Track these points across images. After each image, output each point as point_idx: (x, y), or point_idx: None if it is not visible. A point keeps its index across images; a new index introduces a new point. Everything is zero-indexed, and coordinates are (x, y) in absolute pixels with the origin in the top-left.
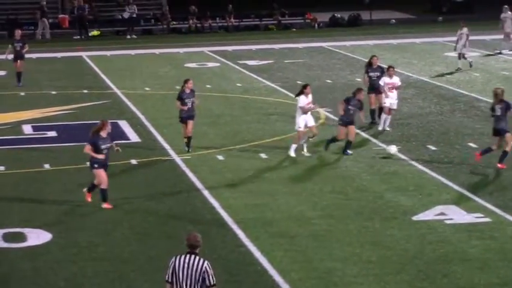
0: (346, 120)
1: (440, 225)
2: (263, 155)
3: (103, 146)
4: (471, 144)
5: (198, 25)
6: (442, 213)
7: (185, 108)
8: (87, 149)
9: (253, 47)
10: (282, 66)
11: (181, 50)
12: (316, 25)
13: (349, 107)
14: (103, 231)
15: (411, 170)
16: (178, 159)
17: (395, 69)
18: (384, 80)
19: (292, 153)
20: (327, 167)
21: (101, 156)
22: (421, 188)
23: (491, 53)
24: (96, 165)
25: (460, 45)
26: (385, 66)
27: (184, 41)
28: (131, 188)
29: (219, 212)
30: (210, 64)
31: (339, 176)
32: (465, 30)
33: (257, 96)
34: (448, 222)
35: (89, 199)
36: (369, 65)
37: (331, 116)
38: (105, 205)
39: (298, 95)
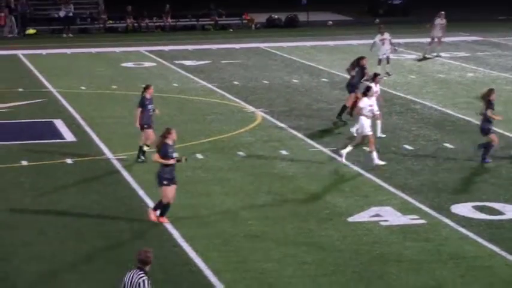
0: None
1: (375, 227)
2: (199, 155)
3: (174, 155)
4: (407, 146)
5: (135, 25)
6: (377, 215)
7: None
8: (155, 157)
9: (190, 47)
10: (219, 67)
11: (118, 50)
12: (253, 26)
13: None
14: (38, 230)
15: (347, 171)
16: (113, 159)
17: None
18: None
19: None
20: (264, 168)
21: (172, 161)
22: (357, 189)
23: (428, 56)
24: (165, 182)
25: (385, 49)
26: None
27: (120, 41)
28: (66, 187)
29: None
30: (147, 64)
31: (275, 177)
32: (386, 35)
33: (194, 97)
34: (383, 223)
35: (155, 218)
36: (357, 64)
37: (268, 117)
38: (161, 219)
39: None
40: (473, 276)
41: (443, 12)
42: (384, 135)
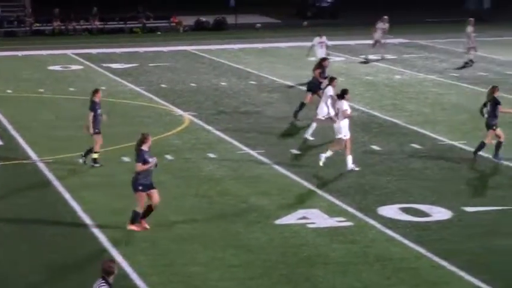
0: None
1: (302, 229)
2: (126, 159)
3: (150, 160)
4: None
5: (62, 27)
6: (304, 217)
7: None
8: (139, 167)
9: (118, 50)
10: (147, 70)
11: (45, 52)
12: (181, 29)
13: None
14: None
15: (275, 174)
16: (40, 163)
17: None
18: (329, 91)
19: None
20: (191, 171)
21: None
22: (284, 192)
23: (358, 59)
24: (140, 188)
25: (322, 52)
26: None
27: (47, 43)
28: None
29: (81, 215)
30: (74, 67)
31: (202, 180)
32: (324, 38)
33: (121, 100)
34: (310, 226)
35: (137, 228)
36: (320, 66)
37: (196, 120)
38: (133, 227)
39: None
40: (399, 278)
41: (386, 17)
42: (312, 138)
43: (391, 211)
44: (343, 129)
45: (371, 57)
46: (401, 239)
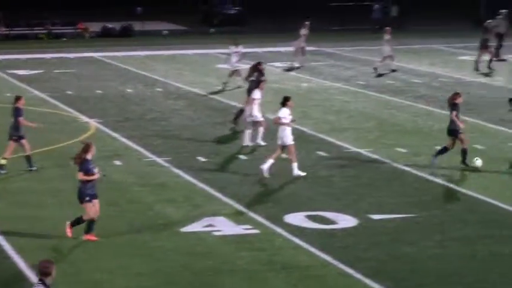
0: None
1: (208, 237)
2: (31, 166)
3: (95, 170)
4: (241, 156)
5: None
6: (210, 225)
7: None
8: (81, 176)
9: (23, 56)
10: (52, 76)
11: None
12: (87, 35)
13: None
14: None
15: (181, 181)
16: None
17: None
18: (257, 95)
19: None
20: (101, 178)
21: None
22: (190, 199)
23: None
24: (88, 198)
25: (237, 61)
26: None
27: None
28: None
29: None
30: None
31: (111, 188)
32: (241, 47)
33: (27, 107)
34: (216, 233)
35: (94, 238)
36: (255, 70)
37: (102, 127)
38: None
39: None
40: (305, 286)
41: (307, 23)
42: (264, 143)
43: (297, 219)
44: (286, 136)
45: (296, 64)
46: (307, 247)
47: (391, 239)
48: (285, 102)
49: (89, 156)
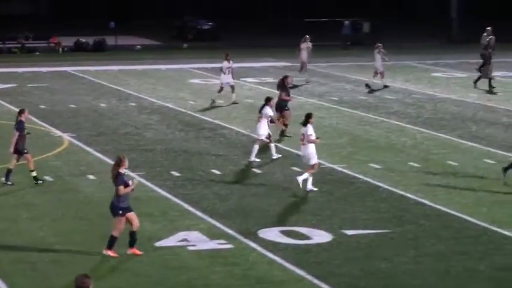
0: None
1: (183, 251)
2: (2, 179)
3: (130, 182)
4: (214, 171)
5: None
6: (185, 240)
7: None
8: (122, 190)
9: None
10: (25, 90)
11: None
12: (60, 49)
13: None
14: None
15: (155, 195)
16: None
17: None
18: (268, 112)
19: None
20: (71, 193)
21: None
22: (165, 214)
23: (239, 82)
24: (121, 212)
25: (229, 77)
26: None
27: None
28: None
29: None
30: None
31: (82, 202)
32: (232, 63)
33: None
34: (190, 248)
35: (114, 254)
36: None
37: (75, 142)
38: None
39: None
40: None
41: (308, 36)
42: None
43: (272, 234)
44: (312, 155)
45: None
46: (282, 262)
47: (365, 255)
48: (308, 119)
49: (122, 170)
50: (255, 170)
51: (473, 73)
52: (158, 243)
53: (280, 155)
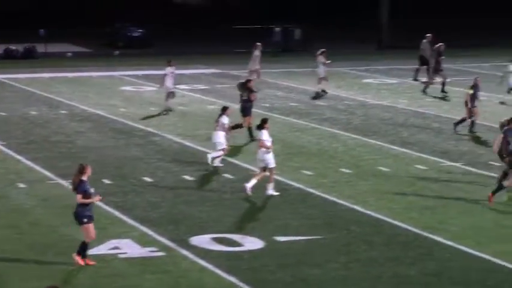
0: None
1: (114, 259)
2: None
3: (91, 190)
4: (146, 179)
5: None
6: (116, 247)
7: None
8: (80, 199)
9: None
10: None
11: None
12: None
13: None
14: None
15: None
16: None
17: None
18: (225, 120)
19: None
20: (0, 201)
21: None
22: (96, 221)
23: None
24: (85, 220)
25: (169, 84)
26: None
27: None
28: None
29: None
30: None
31: (12, 210)
32: (173, 68)
33: None
34: (122, 256)
35: (82, 262)
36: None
37: (5, 150)
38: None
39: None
40: None
41: (259, 44)
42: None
43: (203, 241)
44: (268, 159)
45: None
46: (214, 269)
47: (297, 261)
48: (263, 124)
49: (85, 178)
50: (185, 176)
51: (404, 79)
52: (89, 251)
53: (218, 165)
